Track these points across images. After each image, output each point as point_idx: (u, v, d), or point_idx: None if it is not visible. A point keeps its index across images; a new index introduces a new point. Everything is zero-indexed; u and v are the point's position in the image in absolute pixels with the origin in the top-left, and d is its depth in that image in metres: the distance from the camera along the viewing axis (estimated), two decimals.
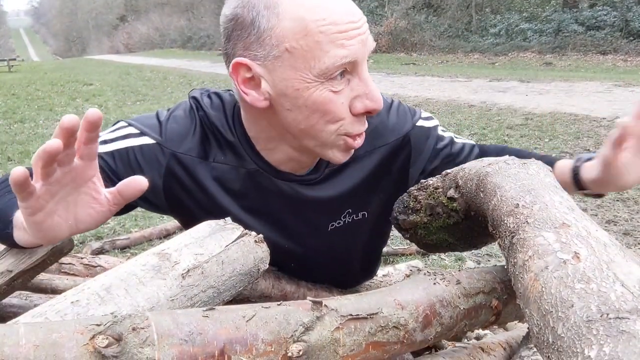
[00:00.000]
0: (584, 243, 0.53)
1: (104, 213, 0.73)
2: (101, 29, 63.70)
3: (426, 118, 1.07)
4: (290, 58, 0.80)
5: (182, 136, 0.95)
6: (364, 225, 1.06)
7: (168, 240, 0.72)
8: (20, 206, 0.66)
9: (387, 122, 1.02)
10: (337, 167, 0.98)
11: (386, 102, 1.03)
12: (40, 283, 1.22)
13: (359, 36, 0.80)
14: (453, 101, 7.74)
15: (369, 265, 1.24)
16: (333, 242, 1.05)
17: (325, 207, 1.00)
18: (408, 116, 1.04)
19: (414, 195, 0.89)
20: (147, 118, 0.98)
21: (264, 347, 0.54)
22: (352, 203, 1.03)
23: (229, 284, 0.71)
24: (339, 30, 0.78)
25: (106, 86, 12.26)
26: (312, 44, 0.78)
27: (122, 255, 2.53)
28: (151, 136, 0.94)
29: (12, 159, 4.91)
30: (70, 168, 0.67)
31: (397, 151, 1.02)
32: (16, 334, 0.45)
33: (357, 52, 0.80)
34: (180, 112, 0.97)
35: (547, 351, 0.47)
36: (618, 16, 13.79)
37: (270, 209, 0.99)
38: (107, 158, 0.92)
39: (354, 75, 0.82)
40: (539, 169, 0.73)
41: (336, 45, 0.78)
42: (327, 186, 0.99)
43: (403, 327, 0.64)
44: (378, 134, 1.01)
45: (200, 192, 0.96)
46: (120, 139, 0.94)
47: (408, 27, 18.50)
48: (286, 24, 0.79)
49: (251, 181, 0.96)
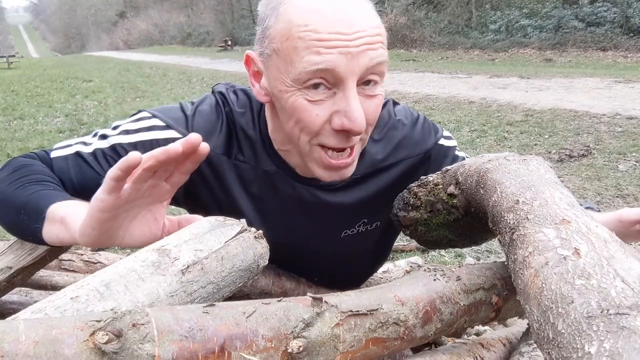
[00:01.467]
0: (584, 239, 0.53)
1: (155, 236, 0.74)
2: (100, 25, 63.58)
3: (447, 137, 1.07)
4: (277, 59, 0.81)
5: (209, 132, 0.94)
6: (375, 235, 1.07)
7: (168, 236, 0.72)
8: (99, 197, 0.67)
9: (412, 136, 1.01)
10: (360, 176, 0.98)
11: (412, 115, 1.04)
12: (40, 279, 1.22)
13: (345, 48, 0.76)
14: (453, 97, 7.73)
15: (372, 268, 1.26)
16: (343, 248, 1.05)
17: (342, 213, 1.00)
18: (432, 133, 1.04)
19: (414, 191, 0.89)
20: (172, 110, 0.97)
21: (264, 343, 0.54)
22: (368, 213, 1.02)
23: (229, 279, 0.71)
24: (318, 38, 0.76)
25: (105, 83, 12.25)
26: (290, 48, 0.78)
27: (122, 252, 2.53)
28: (178, 130, 0.93)
29: (11, 155, 4.90)
30: (157, 184, 0.69)
31: (418, 166, 1.02)
32: (16, 330, 0.45)
33: (336, 62, 0.76)
34: (207, 107, 0.96)
35: (548, 347, 0.47)
36: (618, 12, 13.76)
37: (284, 211, 0.99)
38: (129, 148, 0.90)
39: (339, 89, 0.79)
40: (539, 164, 0.73)
41: (311, 52, 0.76)
42: (347, 193, 0.99)
43: (403, 323, 0.64)
44: (403, 147, 1.01)
45: (220, 188, 0.96)
46: (145, 130, 0.93)
47: (408, 23, 18.46)
48: (279, 26, 0.80)
49: (267, 182, 0.96)
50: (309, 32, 0.76)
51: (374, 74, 0.81)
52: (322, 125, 0.81)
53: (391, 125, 1.01)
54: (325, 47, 0.76)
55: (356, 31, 0.77)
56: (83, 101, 8.99)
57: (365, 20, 0.79)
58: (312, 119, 0.81)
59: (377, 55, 0.79)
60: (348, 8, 0.78)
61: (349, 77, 0.78)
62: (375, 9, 0.84)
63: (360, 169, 0.96)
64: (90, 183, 0.90)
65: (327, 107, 0.80)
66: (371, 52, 0.79)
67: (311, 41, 0.76)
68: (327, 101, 0.80)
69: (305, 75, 0.78)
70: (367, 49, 0.78)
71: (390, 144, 1.00)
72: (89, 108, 8.09)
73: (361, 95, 0.81)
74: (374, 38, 0.79)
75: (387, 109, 1.03)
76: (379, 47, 0.80)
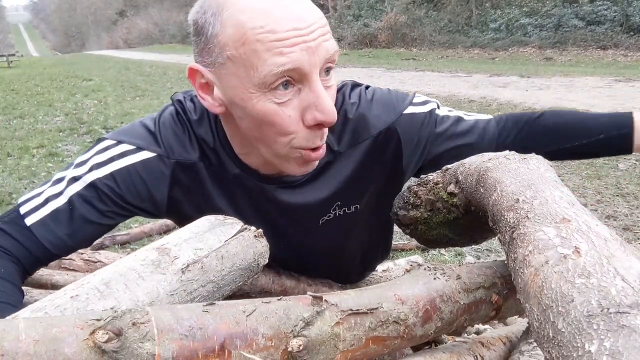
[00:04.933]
0: (585, 238, 0.53)
1: None
2: (100, 24, 63.54)
3: (420, 103, 1.01)
4: (233, 66, 0.78)
5: (180, 142, 0.92)
6: (358, 218, 1.04)
7: (167, 235, 0.72)
8: None
9: (368, 115, 0.97)
10: (319, 167, 0.95)
11: (368, 94, 1.00)
12: (40, 278, 1.22)
13: (304, 43, 0.75)
14: (453, 96, 7.73)
15: (369, 259, 1.23)
16: (326, 235, 1.03)
17: (310, 208, 0.98)
18: (392, 106, 0.99)
19: (414, 190, 0.89)
20: (134, 131, 0.93)
21: (264, 342, 0.54)
22: (340, 197, 1.00)
23: (229, 278, 0.71)
24: (278, 38, 0.74)
25: (105, 81, 12.24)
26: (249, 52, 0.75)
27: (122, 251, 2.54)
28: (150, 149, 0.90)
29: (11, 154, 4.90)
30: None
31: (382, 144, 0.98)
32: (16, 328, 0.45)
33: (300, 60, 0.75)
34: (169, 118, 0.94)
35: (548, 346, 0.47)
36: (618, 11, 13.75)
37: (259, 212, 0.98)
38: (108, 181, 0.88)
39: (305, 85, 0.78)
40: (539, 163, 0.73)
41: (274, 53, 0.74)
42: (310, 188, 0.97)
43: (403, 322, 0.64)
44: (359, 128, 0.97)
45: (200, 195, 0.95)
46: (117, 158, 0.89)
47: (408, 22, 18.45)
48: (228, 31, 0.77)
49: (239, 185, 0.95)
50: (266, 33, 0.74)
51: (331, 63, 0.81)
52: (297, 125, 0.80)
53: (343, 109, 0.96)
54: (287, 46, 0.75)
55: (309, 25, 0.76)
56: (83, 100, 8.98)
57: (313, 13, 0.78)
58: (285, 121, 0.79)
59: (332, 46, 0.79)
60: (294, 4, 0.77)
61: (313, 71, 0.77)
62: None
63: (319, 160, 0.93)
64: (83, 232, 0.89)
65: (296, 105, 0.79)
66: (326, 43, 0.78)
67: (271, 42, 0.74)
68: (294, 100, 0.79)
69: (271, 77, 0.76)
70: (323, 40, 0.78)
71: (344, 130, 0.96)
72: (89, 107, 8.08)
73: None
74: (324, 29, 0.79)
75: (342, 92, 0.98)
76: (330, 37, 0.80)
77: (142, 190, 0.91)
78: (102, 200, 0.88)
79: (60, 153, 4.95)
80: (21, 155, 4.83)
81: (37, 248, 0.86)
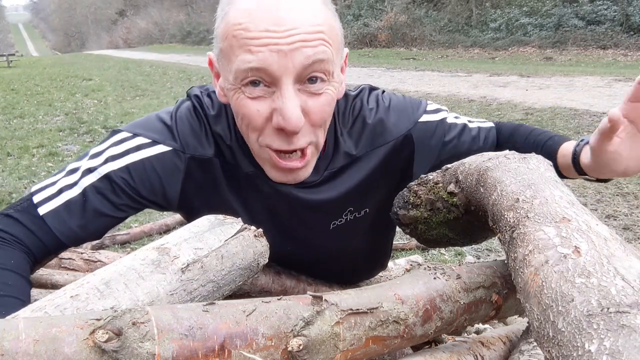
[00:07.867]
0: (585, 237, 0.53)
1: None
2: (100, 24, 63.53)
3: (432, 111, 1.04)
4: (222, 58, 0.83)
5: (196, 137, 0.93)
6: (366, 222, 1.06)
7: (167, 235, 0.72)
8: None
9: (386, 121, 0.99)
10: (336, 169, 0.97)
11: (386, 100, 1.01)
12: (40, 278, 1.22)
13: (275, 46, 0.76)
14: (453, 96, 7.73)
15: (373, 261, 1.24)
16: (336, 239, 1.05)
17: (325, 209, 0.99)
18: (409, 113, 1.01)
19: (414, 190, 0.89)
20: (150, 124, 0.94)
21: (264, 341, 0.54)
22: (353, 202, 1.02)
23: (229, 278, 0.71)
24: (250, 36, 0.77)
25: (105, 81, 12.24)
26: (228, 47, 0.80)
27: (122, 251, 2.53)
28: (166, 143, 0.91)
29: (11, 154, 4.90)
30: None
31: (398, 150, 1.01)
32: (16, 328, 0.45)
33: (268, 60, 0.77)
34: (187, 112, 0.94)
35: (548, 345, 0.47)
36: (618, 10, 13.74)
37: (270, 212, 0.98)
38: (123, 174, 0.88)
39: (277, 88, 0.80)
40: (539, 163, 0.73)
41: (243, 50, 0.78)
42: (326, 189, 0.98)
43: (403, 322, 0.64)
44: (376, 134, 0.99)
45: (213, 192, 0.95)
46: (133, 150, 0.90)
47: (408, 21, 18.44)
48: (221, 26, 0.82)
49: (251, 184, 0.96)
50: (241, 30, 0.78)
51: (317, 72, 0.81)
52: (265, 122, 0.82)
53: (362, 115, 0.99)
54: (255, 45, 0.77)
55: (288, 29, 0.77)
56: (83, 100, 8.98)
57: (301, 18, 0.78)
58: (253, 115, 0.82)
59: (315, 53, 0.79)
60: (282, 7, 0.78)
61: (284, 75, 0.78)
62: (327, 7, 0.83)
63: (335, 163, 0.96)
64: (95, 224, 0.89)
65: (267, 104, 0.82)
66: (307, 49, 0.78)
67: (243, 39, 0.78)
68: (267, 98, 0.81)
69: (241, 73, 0.79)
70: (302, 46, 0.78)
71: (362, 134, 0.99)
72: (89, 107, 8.08)
73: (304, 93, 0.82)
74: (311, 35, 0.78)
75: (360, 98, 1.01)
76: (319, 45, 0.79)
77: (156, 184, 0.91)
78: (116, 193, 0.89)
79: (60, 153, 4.95)
80: (21, 155, 4.83)
81: (49, 238, 0.86)
